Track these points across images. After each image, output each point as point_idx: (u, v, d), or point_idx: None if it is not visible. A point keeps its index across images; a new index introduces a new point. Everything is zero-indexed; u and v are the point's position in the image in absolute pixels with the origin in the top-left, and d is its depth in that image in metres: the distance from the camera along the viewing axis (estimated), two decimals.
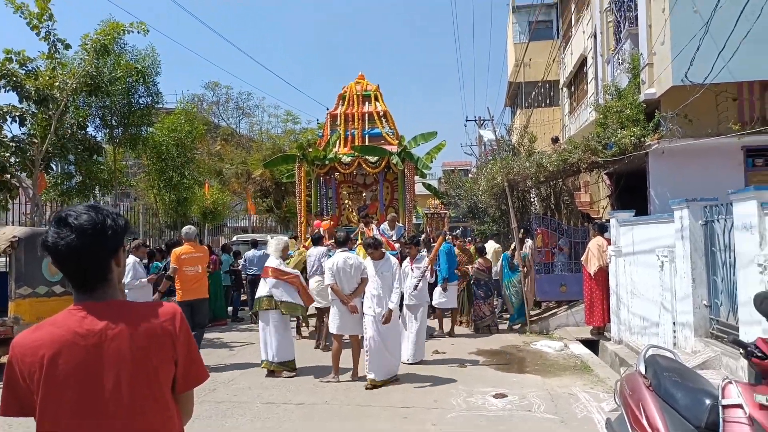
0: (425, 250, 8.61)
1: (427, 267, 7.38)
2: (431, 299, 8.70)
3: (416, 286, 7.05)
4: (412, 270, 7.28)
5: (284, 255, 6.80)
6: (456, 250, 9.74)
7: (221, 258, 12.31)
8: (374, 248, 6.04)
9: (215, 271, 11.65)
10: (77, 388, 1.45)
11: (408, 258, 7.47)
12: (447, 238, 9.24)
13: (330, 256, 8.74)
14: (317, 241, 8.77)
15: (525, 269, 9.90)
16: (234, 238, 18.17)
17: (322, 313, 8.29)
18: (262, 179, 22.12)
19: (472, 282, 9.80)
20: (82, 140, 11.74)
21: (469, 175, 20.54)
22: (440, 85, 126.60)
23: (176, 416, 1.59)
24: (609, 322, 8.56)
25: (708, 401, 2.50)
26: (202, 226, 20.41)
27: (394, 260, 6.14)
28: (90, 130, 13.01)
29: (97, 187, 13.23)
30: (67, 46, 10.53)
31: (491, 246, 11.42)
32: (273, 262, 6.64)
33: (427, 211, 21.82)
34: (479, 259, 10.14)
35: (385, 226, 10.42)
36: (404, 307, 7.35)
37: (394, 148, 11.57)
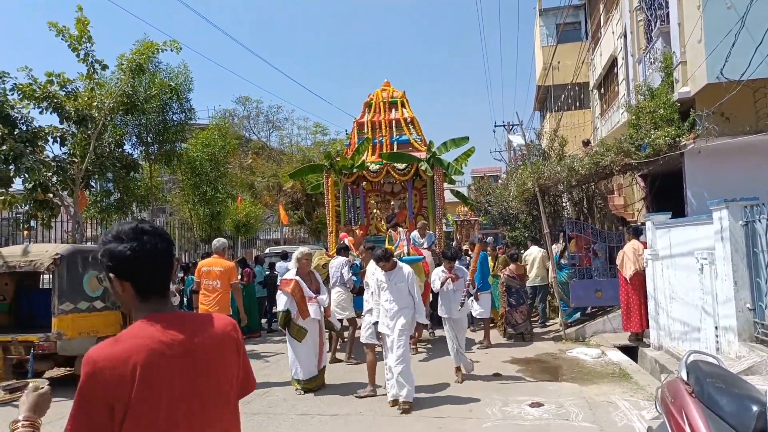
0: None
1: (469, 282, 7.18)
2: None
3: (463, 303, 6.87)
4: (452, 285, 6.93)
5: (305, 266, 6.58)
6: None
7: (255, 270, 12.45)
8: (385, 260, 5.82)
9: (249, 284, 11.75)
10: (171, 398, 1.46)
11: (443, 267, 7.25)
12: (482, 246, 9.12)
13: (354, 267, 8.58)
14: (341, 251, 8.73)
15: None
16: (267, 250, 18.46)
17: (349, 324, 8.33)
18: (293, 191, 22.33)
19: (505, 288, 9.85)
20: (120, 158, 12.05)
21: (499, 181, 20.33)
22: (468, 90, 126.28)
23: (240, 424, 1.64)
24: (647, 327, 8.38)
25: (755, 407, 2.41)
26: (235, 239, 20.89)
27: (407, 269, 5.89)
28: (127, 147, 13.31)
29: (134, 204, 13.58)
30: (105, 67, 10.85)
31: (535, 252, 10.93)
32: (290, 274, 6.63)
33: (456, 219, 21.73)
34: (511, 266, 10.08)
35: (415, 234, 10.35)
36: (443, 322, 7.15)
37: (423, 155, 11.57)
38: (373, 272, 5.96)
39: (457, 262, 7.18)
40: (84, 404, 1.44)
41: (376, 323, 5.96)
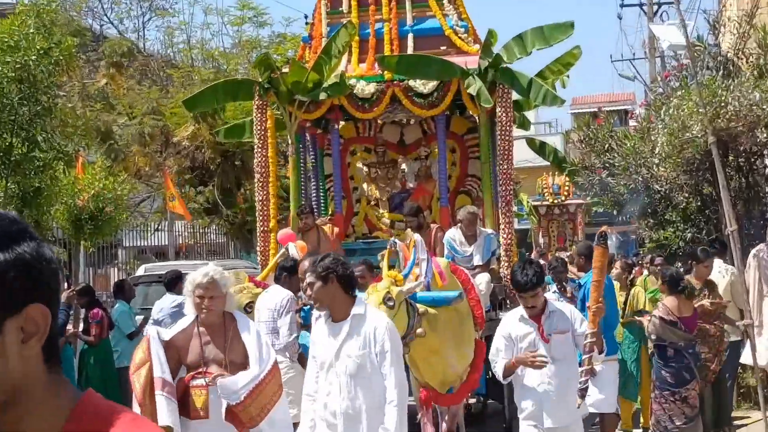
0: (555, 288, 9.24)
1: (592, 336, 7.17)
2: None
3: (584, 394, 7.10)
4: (543, 338, 7.09)
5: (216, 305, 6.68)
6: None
7: (113, 312, 12.64)
8: (321, 280, 5.89)
9: (101, 341, 12.00)
10: None
11: (522, 310, 7.16)
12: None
13: (305, 310, 8.98)
14: (284, 276, 9.05)
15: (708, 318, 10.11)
16: (140, 270, 18.57)
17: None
18: (195, 145, 22.51)
19: (653, 348, 10.36)
20: None
21: (630, 124, 19.93)
22: None
23: None
24: None
25: None
26: (72, 244, 19.96)
27: (377, 322, 6.03)
28: None
29: None
30: None
31: (722, 269, 11.26)
32: (182, 322, 6.87)
33: (537, 201, 21.87)
34: (668, 299, 10.11)
35: (455, 233, 10.69)
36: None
37: (472, 61, 11.86)
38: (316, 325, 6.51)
39: (550, 289, 7.33)
40: None
41: None
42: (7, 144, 15.75)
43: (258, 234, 12.56)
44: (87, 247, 19.17)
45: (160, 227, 27.24)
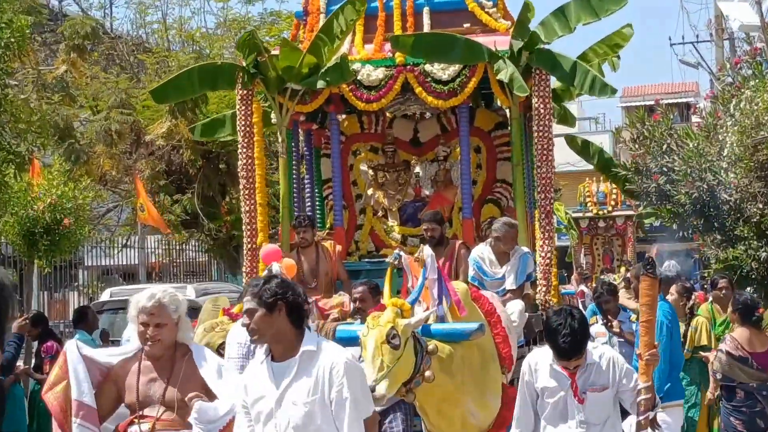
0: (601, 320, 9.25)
1: (647, 392, 7.04)
2: None
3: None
4: (577, 397, 6.96)
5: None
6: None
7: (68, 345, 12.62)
8: (267, 308, 5.65)
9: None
10: None
11: (553, 356, 7.03)
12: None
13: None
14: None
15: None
16: (105, 295, 18.76)
17: None
18: (171, 147, 22.57)
19: (719, 390, 10.36)
20: None
21: (693, 121, 19.83)
22: None
23: None
24: None
25: None
26: (25, 264, 20.15)
27: (342, 361, 5.74)
28: None
29: None
30: None
31: None
32: (126, 349, 7.08)
33: (578, 212, 22.19)
34: (738, 331, 10.21)
35: (484, 250, 10.69)
36: None
37: (502, 41, 11.82)
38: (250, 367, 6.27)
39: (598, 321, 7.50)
40: None
41: None
42: None
43: (245, 252, 12.35)
44: (42, 266, 19.38)
45: (129, 243, 27.20)
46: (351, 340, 7.64)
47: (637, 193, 16.14)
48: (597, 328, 11.29)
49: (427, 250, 8.77)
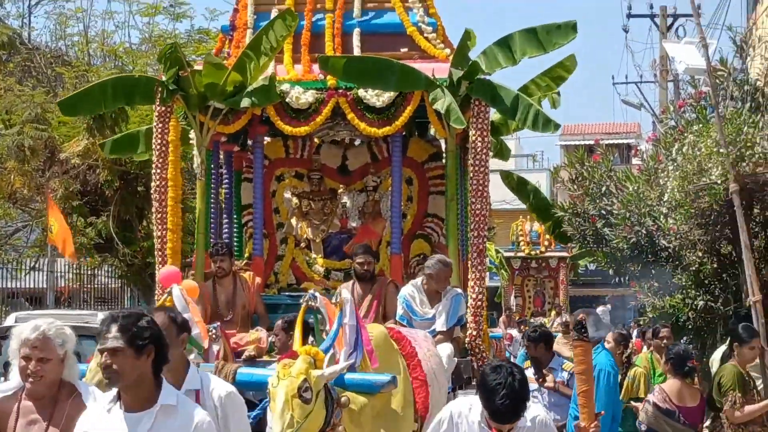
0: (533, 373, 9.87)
1: None
2: None
3: None
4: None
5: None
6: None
7: None
8: (129, 363, 5.20)
9: None
10: None
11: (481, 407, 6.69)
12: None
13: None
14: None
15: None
16: (10, 320, 18.49)
17: None
18: (86, 166, 22.22)
19: None
20: None
21: (634, 164, 20.55)
22: None
23: None
24: None
25: None
26: None
27: (204, 421, 5.42)
28: None
29: None
30: None
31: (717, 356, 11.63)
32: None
33: (511, 252, 22.25)
34: (669, 381, 10.42)
35: (414, 290, 10.51)
36: None
37: (441, 69, 11.71)
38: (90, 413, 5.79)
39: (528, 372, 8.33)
40: None
41: None
42: None
43: (157, 279, 11.87)
44: None
45: (37, 266, 27.15)
46: (254, 385, 7.61)
47: (573, 236, 16.13)
48: (527, 374, 11.03)
49: (345, 294, 8.60)
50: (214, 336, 9.67)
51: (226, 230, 13.24)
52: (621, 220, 13.90)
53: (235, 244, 13.17)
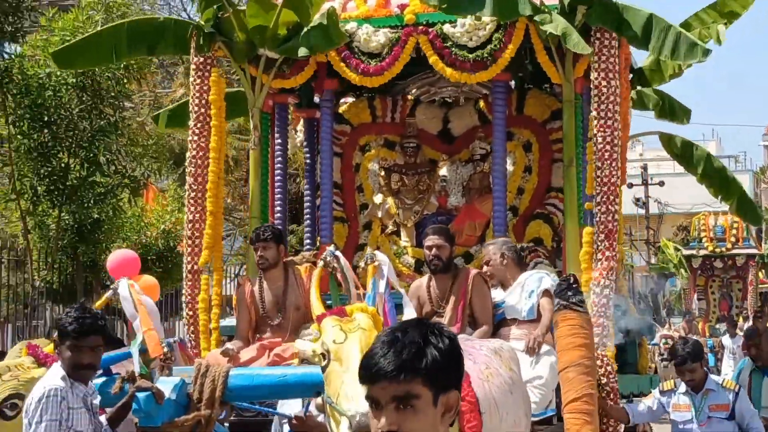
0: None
1: None
2: None
3: None
4: None
5: None
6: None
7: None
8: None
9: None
10: None
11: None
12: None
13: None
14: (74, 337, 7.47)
15: None
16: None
17: None
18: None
19: None
20: None
21: None
22: None
23: None
24: None
25: None
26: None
27: None
28: None
29: None
30: None
31: None
32: None
33: (692, 250, 21.07)
34: None
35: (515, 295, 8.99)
36: None
37: None
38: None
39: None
40: None
41: None
42: (63, 165, 16.42)
43: (184, 275, 10.23)
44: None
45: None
46: (251, 389, 7.26)
47: None
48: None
49: (382, 258, 7.99)
50: (168, 354, 8.11)
51: (308, 218, 11.08)
52: None
53: (309, 241, 11.25)
